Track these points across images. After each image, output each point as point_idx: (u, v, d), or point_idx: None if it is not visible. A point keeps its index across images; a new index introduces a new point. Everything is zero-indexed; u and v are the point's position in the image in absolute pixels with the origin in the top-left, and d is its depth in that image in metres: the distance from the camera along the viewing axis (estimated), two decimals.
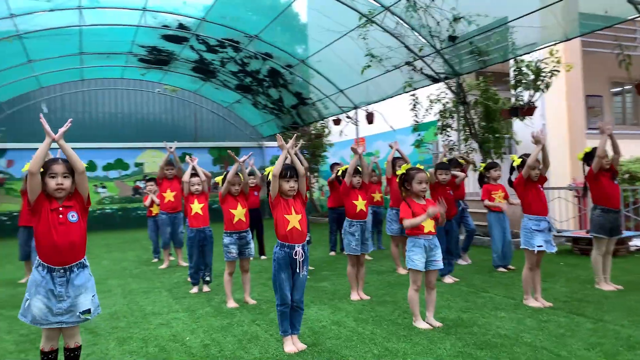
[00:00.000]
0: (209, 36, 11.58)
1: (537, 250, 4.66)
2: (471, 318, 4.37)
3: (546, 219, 4.74)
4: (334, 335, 4.07)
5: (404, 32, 8.99)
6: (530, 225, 4.73)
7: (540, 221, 4.70)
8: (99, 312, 3.24)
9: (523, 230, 4.78)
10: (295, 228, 3.77)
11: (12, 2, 8.90)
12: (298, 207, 3.86)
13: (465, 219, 7.12)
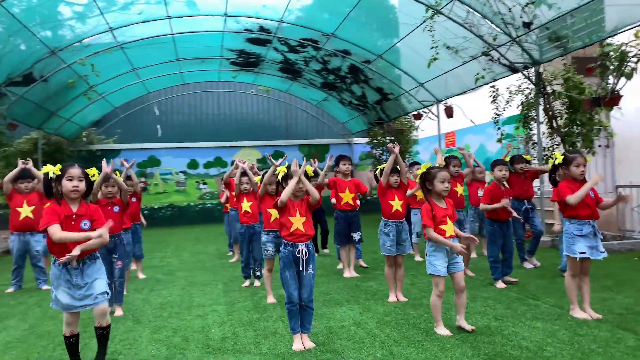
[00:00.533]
0: (288, 38, 11.90)
1: (580, 257, 4.21)
2: (500, 326, 4.09)
3: (590, 223, 4.26)
4: (347, 336, 4.04)
5: (476, 22, 8.51)
6: (572, 229, 4.29)
7: (583, 225, 4.24)
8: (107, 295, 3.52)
9: (565, 235, 4.35)
10: (299, 229, 3.82)
11: (108, 17, 9.86)
12: (303, 210, 3.89)
13: (531, 220, 6.62)
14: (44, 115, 12.69)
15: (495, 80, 9.59)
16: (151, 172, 17.28)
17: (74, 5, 9.33)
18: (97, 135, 17.04)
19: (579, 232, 4.24)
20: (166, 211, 17.18)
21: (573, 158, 4.36)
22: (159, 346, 3.99)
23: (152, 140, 17.82)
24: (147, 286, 6.40)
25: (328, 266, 7.32)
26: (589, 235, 4.24)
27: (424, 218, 4.07)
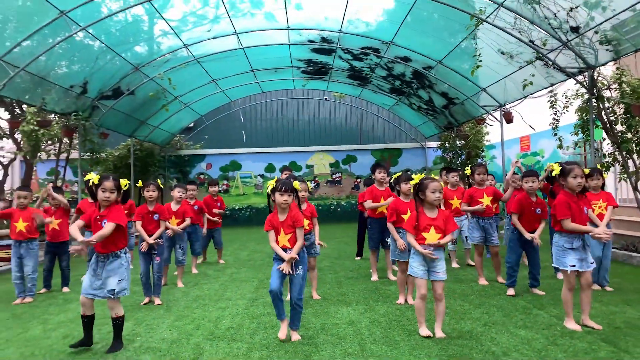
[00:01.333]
0: (350, 47, 12.30)
1: (570, 270, 4.20)
2: (482, 332, 4.20)
3: (581, 237, 4.22)
4: (334, 332, 4.39)
5: (525, 27, 8.35)
6: (563, 242, 4.28)
7: (573, 239, 4.21)
8: (123, 294, 4.17)
9: (555, 248, 4.34)
10: (285, 245, 4.24)
11: (182, 35, 10.91)
12: (288, 230, 4.28)
13: None
14: (134, 124, 14.20)
15: (552, 85, 9.29)
16: (233, 176, 18.51)
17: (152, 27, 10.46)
18: (185, 142, 18.60)
19: (569, 245, 4.23)
20: (245, 212, 18.31)
21: (570, 169, 4.35)
22: (172, 331, 4.61)
23: (235, 146, 19.08)
24: (193, 280, 7.14)
25: (363, 269, 7.62)
26: (579, 248, 4.21)
27: (407, 224, 4.31)
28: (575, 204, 4.27)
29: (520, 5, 7.95)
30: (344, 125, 19.30)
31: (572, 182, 4.32)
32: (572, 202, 4.28)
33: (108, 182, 4.19)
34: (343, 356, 3.77)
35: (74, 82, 10.21)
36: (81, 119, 10.49)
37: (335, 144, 18.67)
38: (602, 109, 7.99)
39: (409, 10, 9.57)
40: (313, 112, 19.43)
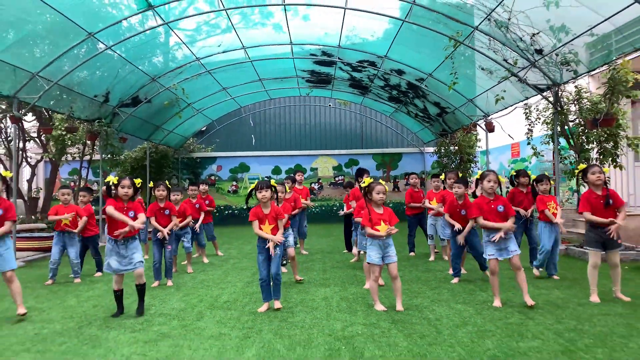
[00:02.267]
0: (348, 60, 13.36)
1: (489, 258, 5.24)
2: (427, 306, 5.23)
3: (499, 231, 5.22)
4: (309, 305, 5.44)
5: (498, 48, 9.35)
6: (485, 236, 5.32)
7: (492, 233, 5.24)
8: (143, 263, 5.29)
9: (483, 241, 5.38)
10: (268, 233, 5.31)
11: (194, 50, 12.06)
12: (271, 220, 5.35)
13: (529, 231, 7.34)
14: (150, 129, 15.40)
15: (527, 98, 10.27)
16: (241, 177, 19.65)
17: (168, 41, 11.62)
18: (198, 145, 19.80)
19: (488, 238, 5.26)
20: None
21: (486, 175, 5.41)
22: (180, 303, 5.70)
23: (243, 149, 20.23)
24: (201, 268, 8.26)
25: (348, 260, 8.68)
26: (497, 242, 5.21)
27: (363, 220, 5.36)
28: (487, 205, 5.30)
29: (492, 29, 8.96)
30: (347, 130, 20.34)
31: (486, 185, 5.36)
32: (484, 204, 5.31)
33: (126, 181, 5.36)
34: (312, 319, 4.83)
35: (98, 92, 11.41)
36: (103, 125, 11.66)
37: (339, 148, 19.74)
38: (564, 122, 8.95)
39: (398, 30, 10.60)
40: (318, 117, 20.50)
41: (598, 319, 4.61)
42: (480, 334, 4.22)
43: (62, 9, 8.09)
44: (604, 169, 5.50)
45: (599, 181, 5.42)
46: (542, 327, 4.40)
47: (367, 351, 3.85)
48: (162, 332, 4.54)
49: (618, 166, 9.01)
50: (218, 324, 4.79)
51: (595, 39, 7.89)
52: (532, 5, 7.78)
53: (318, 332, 4.41)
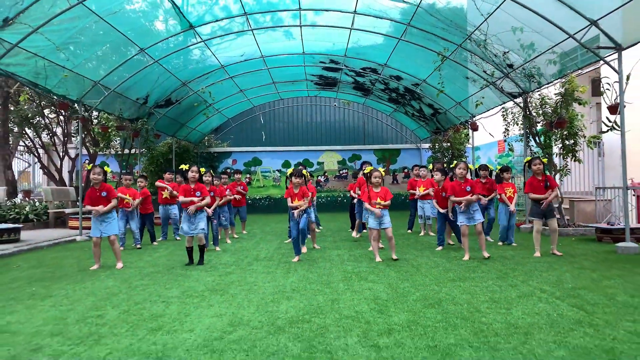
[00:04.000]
0: (354, 67, 15.33)
1: (461, 224, 7.24)
2: (413, 258, 7.23)
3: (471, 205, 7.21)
4: (327, 257, 7.44)
5: (479, 61, 11.32)
6: (457, 208, 7.32)
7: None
8: (205, 230, 7.29)
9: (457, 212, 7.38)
10: (297, 206, 7.31)
11: (219, 58, 14.01)
12: (299, 197, 7.36)
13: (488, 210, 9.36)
14: (176, 126, 17.39)
15: (504, 103, 12.24)
16: (254, 170, 21.64)
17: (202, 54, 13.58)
18: (215, 140, 21.79)
19: (459, 210, 7.26)
20: (265, 201, 21.43)
21: (457, 164, 7.38)
22: (231, 258, 7.70)
23: (256, 144, 22.21)
24: (234, 241, 10.27)
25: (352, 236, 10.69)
26: (467, 211, 7.20)
27: (363, 197, 7.35)
28: (459, 186, 7.30)
29: (473, 47, 10.92)
30: (350, 127, 22.29)
31: (458, 172, 7.36)
32: (457, 185, 7.30)
33: (194, 167, 7.36)
34: (330, 265, 6.83)
35: (139, 96, 13.40)
36: (146, 123, 13.66)
37: (343, 144, 21.71)
38: (532, 124, 10.92)
39: (395, 45, 12.56)
40: (324, 116, 22.46)
41: (531, 264, 6.63)
42: (446, 270, 6.23)
43: (122, 28, 10.04)
44: (543, 160, 7.48)
45: (539, 170, 7.41)
46: (489, 267, 6.41)
47: (369, 278, 5.85)
48: (227, 271, 6.55)
49: (577, 160, 10.96)
50: (265, 267, 6.81)
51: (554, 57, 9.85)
52: (503, 30, 9.75)
53: (336, 270, 6.43)
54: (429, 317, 4.07)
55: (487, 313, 4.17)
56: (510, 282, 5.48)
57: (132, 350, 3.42)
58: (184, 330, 3.86)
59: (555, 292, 4.91)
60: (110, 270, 6.83)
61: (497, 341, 3.44)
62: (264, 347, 3.42)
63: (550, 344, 3.36)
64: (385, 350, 3.31)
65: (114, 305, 4.74)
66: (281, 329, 3.85)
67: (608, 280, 5.46)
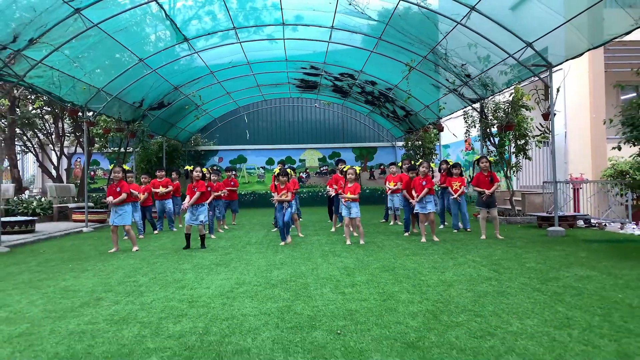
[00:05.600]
0: (332, 73, 16.76)
1: (416, 211, 8.75)
2: (381, 241, 8.70)
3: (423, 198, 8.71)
4: (307, 241, 8.86)
5: (441, 71, 12.85)
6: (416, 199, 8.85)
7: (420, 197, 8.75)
8: (205, 221, 8.65)
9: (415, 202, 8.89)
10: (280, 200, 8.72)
11: (209, 64, 15.30)
12: (285, 190, 8.76)
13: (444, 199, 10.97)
14: (167, 127, 18.62)
15: (465, 107, 13.80)
16: (240, 167, 22.94)
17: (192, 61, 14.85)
18: (202, 139, 23.03)
19: (415, 200, 8.76)
20: (250, 197, 22.77)
21: (421, 164, 8.88)
22: (227, 243, 9.07)
23: (241, 143, 23.48)
24: (225, 232, 11.63)
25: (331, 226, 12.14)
26: (421, 202, 8.70)
27: (339, 188, 8.80)
28: (419, 181, 8.79)
29: (436, 58, 12.44)
30: (330, 127, 23.71)
31: (420, 170, 8.85)
32: (417, 180, 8.81)
33: (198, 167, 8.71)
34: (311, 247, 8.26)
35: (136, 100, 14.63)
36: (141, 125, 14.90)
37: (323, 143, 23.15)
38: (487, 126, 12.49)
39: (369, 56, 14.03)
40: (305, 116, 23.83)
41: (474, 244, 8.16)
42: (404, 249, 7.73)
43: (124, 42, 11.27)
44: (490, 159, 9.01)
45: (485, 167, 8.94)
46: (440, 247, 7.92)
47: (342, 255, 7.30)
48: (226, 252, 7.94)
49: (527, 157, 12.55)
50: (257, 249, 8.23)
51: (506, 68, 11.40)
52: (460, 45, 11.27)
53: (316, 250, 7.88)
54: (382, 277, 5.54)
55: (426, 275, 5.65)
56: (451, 256, 6.99)
57: (169, 298, 4.81)
58: (203, 287, 5.26)
59: (482, 262, 6.42)
60: (127, 253, 8.16)
61: (427, 289, 4.92)
62: (264, 295, 4.83)
63: (463, 290, 4.85)
64: (349, 295, 4.76)
65: (142, 275, 6.10)
66: (275, 285, 5.27)
67: (527, 254, 7.00)
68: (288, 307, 4.38)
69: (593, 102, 12.63)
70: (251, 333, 3.67)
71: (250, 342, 3.46)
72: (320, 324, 3.85)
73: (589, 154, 12.69)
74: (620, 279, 5.25)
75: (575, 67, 12.46)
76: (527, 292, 4.74)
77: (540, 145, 12.87)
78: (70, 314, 4.33)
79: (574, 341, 3.35)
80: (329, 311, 4.20)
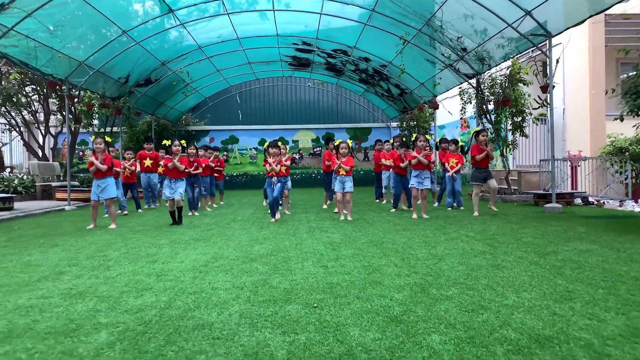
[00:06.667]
0: (325, 49, 16.25)
1: (411, 186, 8.37)
2: (372, 218, 8.34)
3: (421, 171, 8.34)
4: (296, 219, 8.49)
5: (437, 45, 12.38)
6: (413, 173, 8.44)
7: (417, 171, 8.36)
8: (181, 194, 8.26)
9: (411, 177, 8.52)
10: (273, 173, 8.30)
11: (197, 39, 14.78)
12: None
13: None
14: (155, 105, 18.11)
15: (461, 83, 13.36)
16: (232, 148, 22.49)
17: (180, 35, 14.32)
18: (192, 119, 22.53)
19: (414, 174, 8.38)
20: (242, 178, 22.36)
21: (417, 138, 8.48)
22: (210, 220, 8.69)
23: (233, 123, 22.99)
24: (213, 210, 11.24)
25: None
26: (418, 176, 8.33)
27: (332, 165, 8.41)
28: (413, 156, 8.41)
29: (432, 32, 11.96)
30: (324, 107, 23.22)
31: (419, 144, 8.45)
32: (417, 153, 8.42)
33: (177, 141, 8.30)
34: (298, 223, 7.90)
35: (121, 75, 14.11)
36: (127, 102, 14.41)
37: (317, 123, 22.69)
38: (483, 102, 12.08)
39: (362, 30, 13.54)
40: (299, 95, 23.32)
41: (467, 220, 7.81)
42: (394, 225, 7.37)
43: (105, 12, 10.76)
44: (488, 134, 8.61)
45: (485, 140, 8.56)
46: (432, 223, 7.56)
47: (329, 230, 6.94)
48: (208, 228, 7.57)
49: (524, 135, 12.17)
50: (241, 225, 7.85)
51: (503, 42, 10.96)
52: (456, 17, 10.80)
53: (302, 226, 7.51)
54: (369, 251, 5.18)
55: (416, 249, 5.29)
56: (444, 231, 6.63)
57: (136, 272, 4.43)
58: (175, 262, 4.88)
59: (476, 237, 6.07)
60: (104, 229, 7.77)
61: (416, 263, 4.56)
62: (240, 269, 4.46)
63: (455, 264, 4.49)
64: (331, 268, 4.39)
65: (114, 250, 5.72)
66: (253, 259, 4.90)
67: (524, 230, 6.65)
68: (264, 280, 4.01)
69: (592, 78, 12.22)
70: (218, 307, 3.29)
71: (215, 317, 3.09)
72: (297, 297, 3.49)
73: (587, 131, 12.32)
74: (623, 252, 4.91)
75: (575, 41, 12.04)
76: (524, 265, 4.38)
77: (538, 122, 12.49)
78: (24, 288, 3.96)
79: (577, 315, 2.99)
80: (308, 285, 3.83)
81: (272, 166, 8.29)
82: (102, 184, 8.00)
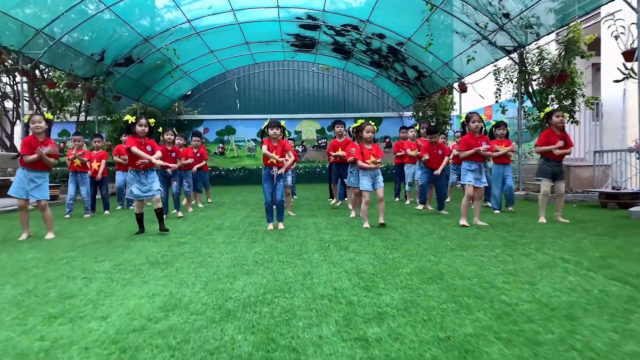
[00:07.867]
0: (333, 24, 14.08)
1: (467, 184, 6.23)
2: (402, 224, 6.23)
3: (478, 164, 6.22)
4: (302, 226, 6.38)
5: (470, 12, 10.20)
6: (465, 166, 6.30)
7: (472, 164, 6.23)
8: (160, 190, 6.13)
9: (462, 169, 6.37)
10: (272, 162, 6.16)
11: (186, 11, 12.64)
12: (278, 152, 6.20)
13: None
14: (141, 89, 15.97)
15: (497, 60, 11.19)
16: (228, 140, 20.37)
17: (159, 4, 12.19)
18: (185, 107, 20.39)
19: (469, 167, 6.24)
20: (239, 173, 20.25)
21: (470, 117, 6.36)
22: (190, 227, 6.59)
23: (229, 112, 20.85)
24: (199, 209, 9.14)
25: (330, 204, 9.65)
26: (476, 170, 6.21)
27: (355, 154, 6.29)
28: (474, 141, 6.27)
29: None
30: (329, 95, 21.08)
31: (472, 126, 6.31)
32: (471, 140, 6.27)
33: (142, 120, 6.16)
34: (305, 234, 5.78)
35: (94, 51, 11.99)
36: (100, 82, 12.27)
37: (322, 112, 20.54)
38: (528, 81, 9.91)
39: None
40: (301, 82, 21.17)
41: (538, 230, 5.68)
42: (441, 239, 5.23)
43: None
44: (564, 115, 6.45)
45: (561, 123, 6.42)
46: (491, 235, 5.43)
47: (351, 247, 4.81)
48: (180, 241, 5.45)
49: (575, 122, 10.03)
50: (226, 236, 5.73)
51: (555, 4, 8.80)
52: None
53: (311, 239, 5.37)
54: (431, 296, 3.04)
55: (506, 289, 3.16)
56: (521, 251, 4.50)
57: (3, 348, 2.32)
58: (95, 318, 2.77)
59: (581, 262, 3.93)
60: (38, 241, 5.68)
61: (532, 328, 2.43)
62: (200, 343, 2.34)
63: (609, 333, 2.36)
64: (376, 345, 2.27)
65: (17, 283, 3.62)
66: (231, 313, 2.79)
67: (637, 248, 4.52)
68: None
69: None
70: None
71: None
72: None
73: None
74: None
75: None
76: None
77: (592, 107, 10.32)
78: None
79: None
80: None
81: (271, 155, 6.16)
82: (38, 180, 5.92)
